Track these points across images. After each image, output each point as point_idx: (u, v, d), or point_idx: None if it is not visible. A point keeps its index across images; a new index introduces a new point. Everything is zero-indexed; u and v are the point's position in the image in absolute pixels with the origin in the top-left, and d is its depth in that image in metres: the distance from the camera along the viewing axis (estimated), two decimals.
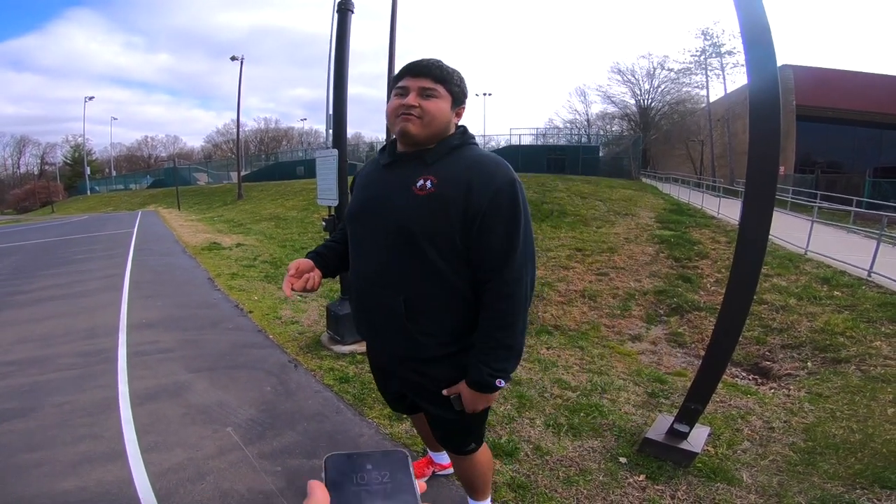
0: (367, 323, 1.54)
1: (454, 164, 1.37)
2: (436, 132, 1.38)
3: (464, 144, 1.43)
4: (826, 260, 8.24)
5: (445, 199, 1.32)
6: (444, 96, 1.38)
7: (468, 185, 1.32)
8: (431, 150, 1.39)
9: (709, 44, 31.03)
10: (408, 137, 1.36)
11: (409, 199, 1.35)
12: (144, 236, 13.84)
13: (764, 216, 2.53)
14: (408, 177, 1.37)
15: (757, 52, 2.42)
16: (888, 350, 4.77)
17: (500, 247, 1.34)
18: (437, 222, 1.33)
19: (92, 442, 2.90)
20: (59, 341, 4.81)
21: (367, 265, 1.46)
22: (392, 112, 1.38)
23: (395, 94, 1.39)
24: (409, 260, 1.36)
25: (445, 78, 1.38)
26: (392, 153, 1.46)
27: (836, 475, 2.67)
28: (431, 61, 1.38)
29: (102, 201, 37.01)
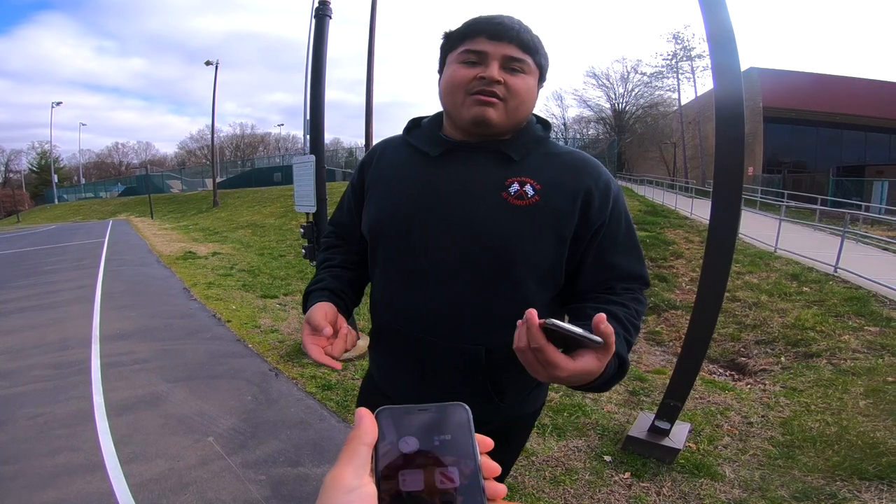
0: (417, 377, 1.06)
1: (552, 164, 1.00)
2: (520, 121, 1.00)
3: (548, 138, 1.06)
4: (795, 257, 8.49)
5: (556, 213, 0.96)
6: (534, 71, 0.99)
7: (587, 194, 0.97)
8: (512, 140, 1.01)
9: (680, 48, 31.72)
10: (485, 126, 0.96)
11: (500, 209, 0.95)
12: (116, 246, 13.50)
13: (731, 216, 2.61)
14: (486, 176, 0.98)
15: (722, 58, 2.49)
16: (856, 343, 4.94)
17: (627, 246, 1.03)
18: (542, 244, 0.96)
19: (69, 454, 2.83)
20: (30, 353, 4.66)
21: (420, 301, 1.00)
22: (460, 86, 0.95)
23: (461, 62, 0.97)
24: (495, 296, 0.97)
25: (536, 46, 0.98)
26: (440, 140, 1.03)
27: (816, 468, 2.74)
28: (516, 21, 0.98)
29: (71, 210, 35.96)
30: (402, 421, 0.38)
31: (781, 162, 25.61)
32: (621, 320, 0.92)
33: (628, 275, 1.02)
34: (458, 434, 0.37)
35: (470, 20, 1.00)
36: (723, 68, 2.49)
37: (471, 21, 0.99)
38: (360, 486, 0.32)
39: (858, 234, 10.03)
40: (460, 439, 0.37)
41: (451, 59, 0.99)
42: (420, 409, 0.38)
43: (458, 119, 0.99)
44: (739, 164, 2.54)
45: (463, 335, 0.98)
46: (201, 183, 39.73)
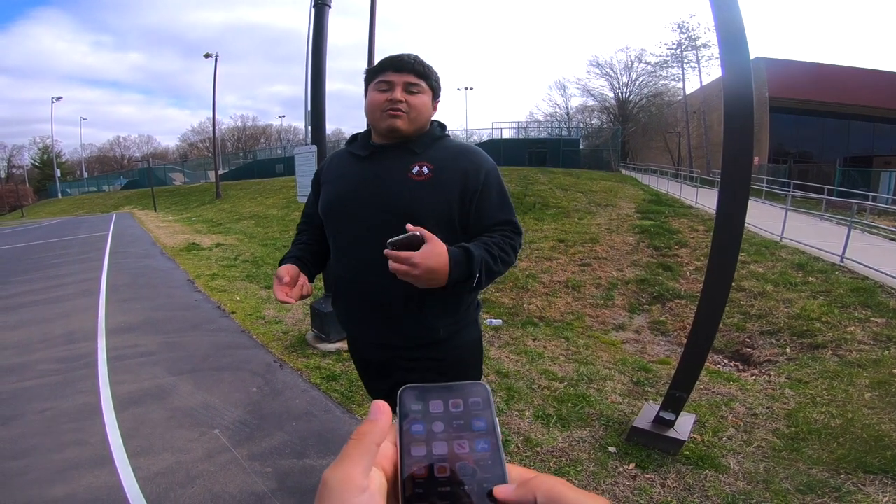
0: (363, 316, 1.49)
1: (444, 153, 1.42)
2: (420, 126, 1.43)
3: (444, 136, 1.49)
4: (800, 247, 8.44)
5: (444, 184, 1.37)
6: (427, 91, 1.42)
7: (463, 171, 1.39)
8: (416, 140, 1.43)
9: (685, 37, 31.42)
10: (396, 133, 1.39)
11: (407, 184, 1.36)
12: (120, 239, 13.53)
13: (739, 206, 2.58)
14: (397, 165, 1.39)
15: (731, 50, 2.45)
16: (862, 335, 4.91)
17: (498, 204, 1.43)
18: (438, 206, 1.37)
19: (78, 448, 2.85)
20: (37, 348, 4.68)
21: (361, 257, 1.41)
22: (377, 107, 1.39)
23: (376, 89, 1.39)
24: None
25: (427, 73, 1.42)
26: (368, 145, 1.47)
27: (820, 460, 2.74)
28: (413, 57, 1.41)
29: (74, 204, 36.05)
30: (423, 399, 0.39)
31: (787, 152, 25.40)
32: (485, 241, 1.34)
33: (499, 222, 1.42)
34: (478, 410, 0.38)
35: (381, 60, 1.43)
36: (733, 63, 2.46)
37: (382, 60, 1.42)
38: (370, 486, 0.32)
39: (865, 225, 9.95)
40: (481, 415, 0.38)
41: (371, 88, 1.43)
42: (441, 387, 0.39)
43: (378, 129, 1.43)
44: (748, 155, 2.52)
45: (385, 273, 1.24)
46: (204, 175, 39.69)
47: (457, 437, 0.36)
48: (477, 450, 0.36)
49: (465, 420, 0.37)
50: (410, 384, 0.40)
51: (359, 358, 1.68)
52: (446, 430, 0.37)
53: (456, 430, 0.37)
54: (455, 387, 0.40)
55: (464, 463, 0.35)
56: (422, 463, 0.35)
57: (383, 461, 0.35)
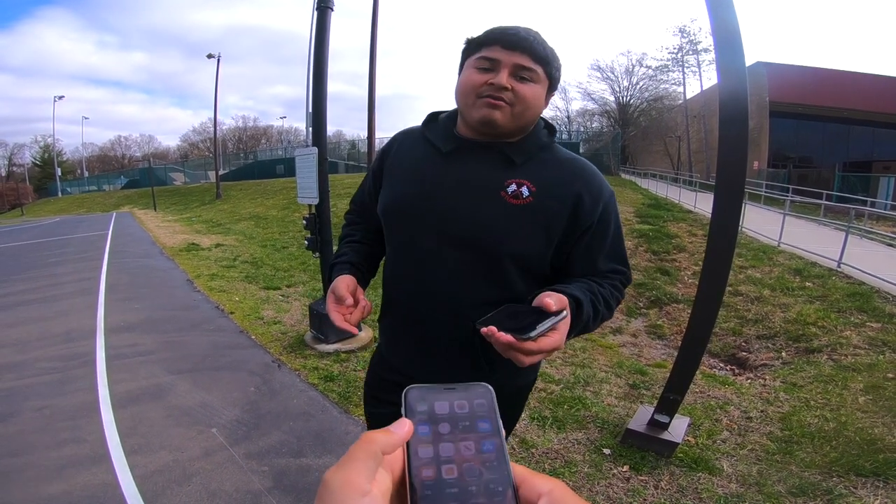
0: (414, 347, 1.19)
1: (551, 169, 1.09)
2: (525, 125, 1.09)
3: (552, 144, 1.15)
4: (798, 252, 8.46)
5: (547, 214, 1.06)
6: (543, 80, 1.07)
7: (577, 197, 1.07)
8: (516, 144, 1.10)
9: (686, 41, 31.53)
10: (491, 127, 1.05)
11: (498, 207, 1.05)
12: (120, 238, 13.55)
13: (733, 211, 2.61)
14: (489, 176, 1.08)
15: (727, 54, 2.48)
16: (858, 339, 4.94)
17: (612, 247, 1.14)
18: (532, 241, 1.07)
19: (75, 446, 2.86)
20: (35, 346, 4.70)
21: (423, 277, 1.13)
22: (472, 89, 1.04)
23: (475, 67, 1.05)
24: (485, 281, 1.09)
25: (548, 58, 1.06)
26: (452, 137, 1.13)
27: (813, 463, 2.76)
28: (531, 33, 1.05)
29: (75, 203, 36.05)
30: (429, 399, 0.39)
31: (787, 157, 25.45)
32: (593, 290, 1.05)
33: (611, 270, 1.14)
34: (483, 412, 0.39)
35: (489, 29, 1.07)
36: (728, 66, 2.48)
37: (489, 30, 1.07)
38: (372, 490, 0.31)
39: (863, 230, 9.99)
40: (486, 416, 0.38)
41: (469, 64, 1.08)
42: (446, 388, 0.40)
43: (469, 118, 1.08)
44: (742, 158, 2.54)
45: (458, 312, 1.08)
46: (204, 175, 39.68)
47: (463, 439, 0.37)
48: (483, 451, 0.36)
49: (471, 421, 0.38)
50: (415, 385, 0.40)
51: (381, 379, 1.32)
52: (452, 431, 0.37)
53: (462, 432, 0.37)
54: (460, 388, 0.40)
55: (470, 464, 0.35)
56: (429, 465, 0.35)
57: (391, 462, 0.34)
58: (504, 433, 0.38)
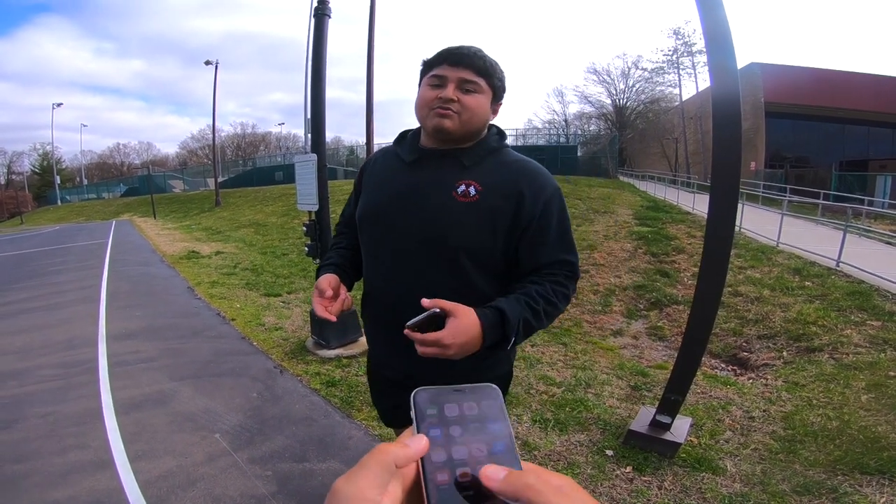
0: (387, 337, 1.34)
1: (498, 170, 1.23)
2: (474, 130, 1.24)
3: (501, 147, 1.29)
4: (797, 251, 8.48)
5: (492, 211, 1.19)
6: (486, 91, 1.23)
7: (519, 195, 1.20)
8: (468, 150, 1.25)
9: (681, 43, 31.71)
10: (443, 134, 1.21)
11: (448, 205, 1.20)
12: (120, 246, 13.56)
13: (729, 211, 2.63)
14: (442, 179, 1.22)
15: (718, 55, 2.51)
16: (858, 338, 4.95)
17: (557, 239, 1.25)
18: (480, 235, 1.20)
19: (79, 452, 2.87)
20: (38, 353, 4.70)
21: (390, 275, 1.29)
22: (425, 104, 1.21)
23: (428, 84, 1.22)
24: (442, 273, 1.22)
25: (489, 70, 1.22)
26: (416, 149, 1.29)
27: (817, 462, 2.76)
28: (473, 50, 1.22)
29: (74, 211, 36.07)
30: (438, 402, 0.39)
31: (784, 157, 25.51)
32: (528, 292, 1.17)
33: (554, 261, 1.24)
34: (492, 412, 0.39)
35: (439, 50, 1.24)
36: (720, 67, 2.51)
37: (438, 52, 1.24)
38: (383, 501, 0.31)
39: (861, 229, 10.02)
40: (496, 417, 0.39)
41: (423, 83, 1.25)
42: (455, 389, 0.40)
43: (425, 128, 1.25)
44: (737, 159, 2.57)
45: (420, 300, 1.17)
46: (203, 182, 39.75)
47: (475, 441, 0.37)
48: (494, 452, 0.36)
49: (481, 423, 0.38)
50: (422, 387, 0.40)
51: (373, 370, 1.56)
52: (464, 434, 0.37)
53: (473, 434, 0.37)
54: (468, 389, 0.40)
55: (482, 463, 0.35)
56: (443, 469, 0.35)
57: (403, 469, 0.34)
58: (513, 433, 0.38)
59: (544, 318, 1.18)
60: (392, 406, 1.53)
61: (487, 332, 1.07)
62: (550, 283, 1.21)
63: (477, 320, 1.05)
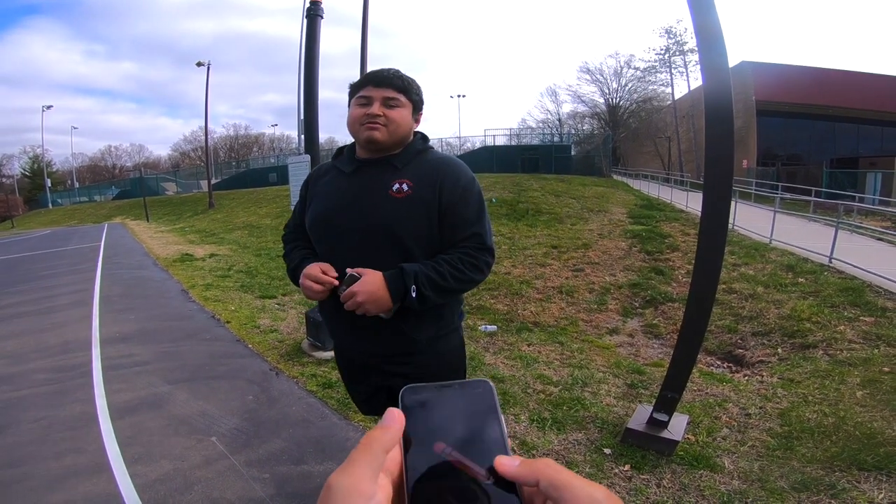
0: (348, 325, 1.50)
1: (423, 168, 1.45)
2: (400, 139, 1.46)
3: (426, 149, 1.52)
4: (790, 248, 8.54)
5: (422, 200, 1.41)
6: (406, 105, 1.46)
7: (440, 185, 1.42)
8: (398, 155, 1.47)
9: (672, 42, 31.84)
10: (374, 144, 1.42)
11: (387, 202, 1.41)
12: (112, 250, 13.46)
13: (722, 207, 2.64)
14: (379, 181, 1.44)
15: (710, 53, 2.52)
16: (852, 334, 4.99)
17: (470, 218, 1.45)
18: (417, 222, 1.41)
19: (75, 456, 2.85)
20: (31, 357, 4.66)
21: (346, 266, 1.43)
22: (356, 121, 1.43)
23: (357, 104, 1.45)
24: (392, 260, 1.39)
25: (406, 87, 1.46)
26: (353, 160, 1.51)
27: (815, 458, 2.77)
28: (392, 71, 1.46)
29: (66, 214, 35.79)
30: (426, 398, 0.38)
31: (776, 155, 25.68)
32: (435, 259, 1.41)
33: (466, 236, 1.45)
34: (482, 407, 0.38)
35: (363, 75, 1.49)
36: (712, 65, 2.52)
37: (363, 76, 1.48)
38: (377, 493, 0.31)
39: (853, 225, 10.09)
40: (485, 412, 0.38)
41: (353, 103, 1.47)
42: (443, 385, 0.39)
43: (358, 141, 1.48)
44: (729, 155, 2.58)
45: None
46: (196, 185, 39.53)
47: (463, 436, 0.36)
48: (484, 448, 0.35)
49: (470, 418, 0.37)
50: (411, 384, 0.39)
51: (340, 360, 1.75)
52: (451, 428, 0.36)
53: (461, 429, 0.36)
54: (456, 385, 0.39)
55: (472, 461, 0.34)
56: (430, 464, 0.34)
57: (390, 464, 0.34)
58: (505, 427, 0.37)
59: (450, 279, 1.38)
60: (368, 392, 1.67)
61: (389, 282, 1.33)
62: (459, 252, 1.43)
63: (381, 274, 1.34)
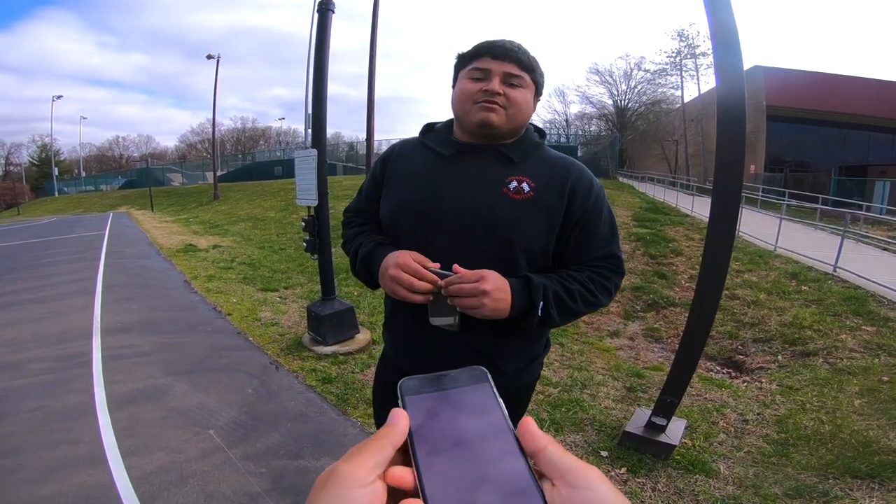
0: (424, 343, 1.24)
1: (545, 166, 1.20)
2: (518, 125, 1.20)
3: (542, 143, 1.26)
4: (794, 256, 8.50)
5: (547, 207, 1.16)
6: (530, 86, 1.20)
7: (571, 191, 1.18)
8: (513, 145, 1.21)
9: (684, 45, 31.67)
10: (488, 128, 1.16)
11: (503, 201, 1.15)
12: (116, 239, 13.51)
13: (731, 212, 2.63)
14: (490, 174, 1.17)
15: (725, 54, 2.50)
16: (853, 343, 4.96)
17: (604, 234, 1.23)
18: (537, 231, 1.16)
19: (70, 447, 2.85)
20: (30, 346, 4.68)
21: None
22: (467, 97, 1.16)
23: (469, 77, 1.18)
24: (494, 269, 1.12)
25: (532, 65, 1.19)
26: (452, 142, 1.23)
27: (809, 466, 2.77)
28: (516, 44, 1.19)
29: (71, 203, 35.95)
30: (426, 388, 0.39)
31: (784, 161, 25.55)
32: (563, 273, 1.18)
33: (600, 255, 1.22)
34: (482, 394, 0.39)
35: (478, 43, 1.20)
36: (726, 68, 2.50)
37: (479, 44, 1.19)
38: (374, 482, 0.32)
39: (859, 234, 10.02)
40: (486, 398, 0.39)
41: (462, 76, 1.20)
42: (441, 375, 0.40)
43: (467, 123, 1.19)
44: (740, 161, 2.56)
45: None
46: (202, 176, 39.64)
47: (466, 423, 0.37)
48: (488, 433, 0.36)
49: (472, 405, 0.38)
50: (409, 376, 0.40)
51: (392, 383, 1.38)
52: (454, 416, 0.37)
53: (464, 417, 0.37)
54: (454, 373, 0.40)
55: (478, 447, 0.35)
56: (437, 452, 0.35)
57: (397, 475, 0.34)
58: (505, 411, 0.38)
59: (580, 301, 1.15)
60: None
61: (514, 290, 1.07)
62: (590, 271, 1.21)
63: (506, 279, 1.07)
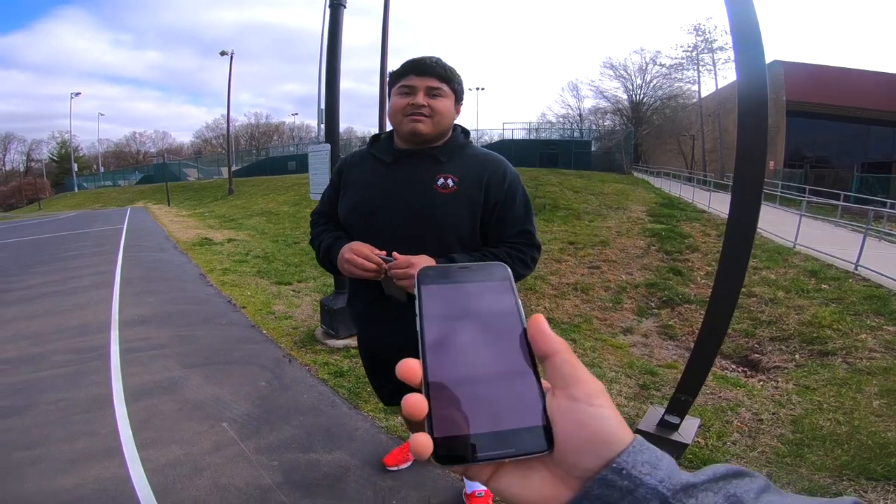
0: (380, 317, 1.50)
1: (468, 163, 1.44)
2: (443, 130, 1.43)
3: (468, 143, 1.50)
4: (814, 253, 8.34)
5: (468, 197, 1.40)
6: (449, 95, 1.42)
7: (487, 183, 1.41)
8: (441, 148, 1.44)
9: (701, 39, 31.13)
10: (418, 136, 1.39)
11: (432, 197, 1.39)
12: (134, 233, 13.72)
13: (751, 208, 2.58)
14: (422, 174, 1.41)
15: (746, 50, 2.44)
16: (873, 343, 4.86)
17: (521, 213, 1.46)
18: (462, 218, 1.40)
19: (88, 439, 2.90)
20: (52, 339, 4.77)
21: None
22: (399, 110, 1.39)
23: (399, 93, 1.41)
24: (431, 254, 1.37)
25: (450, 77, 1.42)
26: (392, 150, 1.47)
27: (824, 467, 2.72)
28: (434, 60, 1.41)
29: (90, 198, 36.60)
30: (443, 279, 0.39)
31: (804, 157, 25.04)
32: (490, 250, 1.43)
33: (516, 232, 1.46)
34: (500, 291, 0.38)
35: (404, 62, 1.42)
36: (747, 61, 2.45)
37: (404, 63, 1.42)
38: None
39: (882, 232, 9.81)
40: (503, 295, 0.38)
41: (394, 92, 1.43)
42: (461, 267, 0.40)
43: (401, 133, 1.43)
44: (762, 156, 2.50)
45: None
46: (217, 171, 40.04)
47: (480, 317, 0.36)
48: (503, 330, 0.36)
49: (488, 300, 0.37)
50: (429, 266, 0.39)
51: (368, 355, 1.72)
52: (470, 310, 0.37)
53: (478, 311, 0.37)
54: (475, 267, 0.39)
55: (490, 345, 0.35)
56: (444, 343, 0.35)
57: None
58: (522, 310, 0.38)
59: None
60: (391, 386, 1.69)
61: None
62: (508, 246, 1.44)
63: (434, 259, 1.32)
